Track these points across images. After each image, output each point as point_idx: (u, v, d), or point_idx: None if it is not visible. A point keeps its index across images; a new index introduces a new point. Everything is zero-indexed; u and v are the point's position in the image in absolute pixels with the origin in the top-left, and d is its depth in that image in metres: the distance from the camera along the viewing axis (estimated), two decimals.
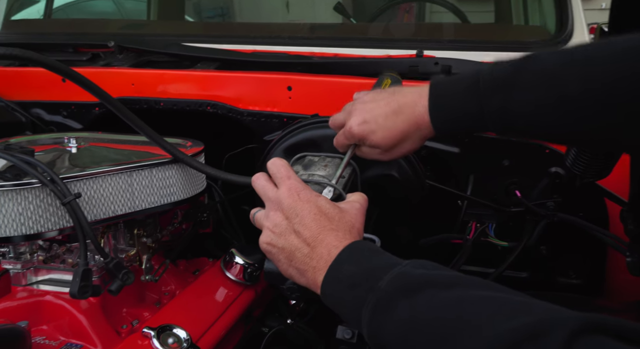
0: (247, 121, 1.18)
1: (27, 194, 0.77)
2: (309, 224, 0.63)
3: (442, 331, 0.47)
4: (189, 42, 1.39)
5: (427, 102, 0.72)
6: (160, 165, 0.90)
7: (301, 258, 0.63)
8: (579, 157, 0.82)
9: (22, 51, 0.71)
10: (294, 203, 0.65)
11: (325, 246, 0.62)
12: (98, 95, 0.78)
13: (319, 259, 0.62)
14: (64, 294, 0.91)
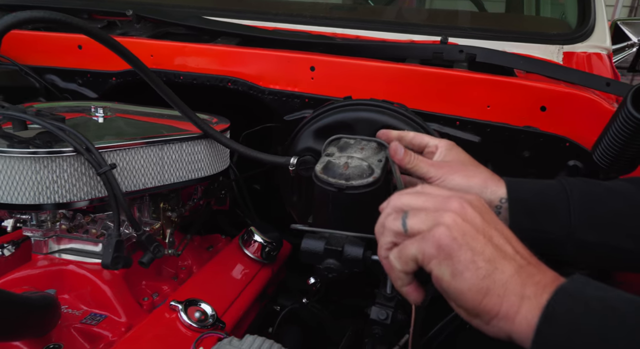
0: (268, 99, 1.17)
1: (61, 162, 0.76)
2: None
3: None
4: (207, 16, 1.36)
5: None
6: (191, 140, 0.89)
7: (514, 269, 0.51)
8: (607, 152, 0.83)
9: (64, 16, 0.69)
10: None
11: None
12: (135, 65, 0.77)
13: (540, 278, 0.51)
14: (86, 264, 0.91)
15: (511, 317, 0.49)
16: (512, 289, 0.50)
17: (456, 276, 0.51)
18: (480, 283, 0.50)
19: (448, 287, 0.52)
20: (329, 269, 0.70)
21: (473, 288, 0.50)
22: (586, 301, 0.47)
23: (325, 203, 0.72)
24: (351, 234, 0.71)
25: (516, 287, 0.50)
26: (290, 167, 0.87)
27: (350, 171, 0.72)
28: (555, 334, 0.47)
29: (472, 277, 0.51)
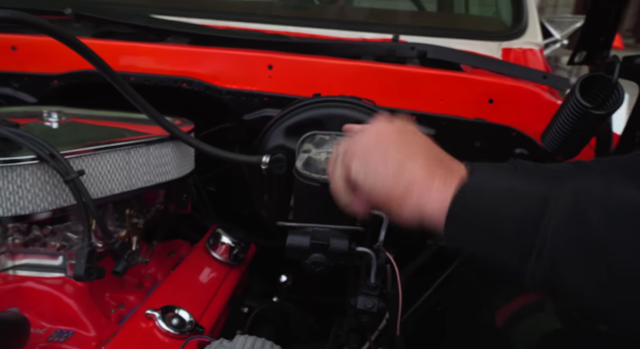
0: (226, 99, 1.16)
1: (22, 171, 0.71)
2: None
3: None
4: (152, 14, 1.32)
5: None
6: (157, 142, 0.86)
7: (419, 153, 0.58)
8: (556, 137, 0.90)
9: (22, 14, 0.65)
10: None
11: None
12: (100, 66, 0.74)
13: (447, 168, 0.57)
14: (46, 279, 0.86)
15: (422, 199, 0.54)
16: (421, 178, 0.55)
17: (369, 173, 0.58)
18: (390, 175, 0.56)
19: (364, 184, 0.58)
20: (316, 263, 0.71)
21: (386, 180, 0.57)
22: (490, 184, 0.53)
23: (308, 198, 0.73)
24: (336, 227, 0.72)
25: (426, 176, 0.55)
26: (263, 165, 0.87)
27: None
28: (462, 212, 0.51)
29: (383, 172, 0.57)
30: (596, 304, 0.46)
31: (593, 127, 0.85)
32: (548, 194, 0.48)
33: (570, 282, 0.45)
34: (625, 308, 0.44)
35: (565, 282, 0.46)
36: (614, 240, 0.43)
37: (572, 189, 0.47)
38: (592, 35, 0.95)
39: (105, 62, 0.74)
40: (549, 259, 0.46)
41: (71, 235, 0.87)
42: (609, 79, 0.78)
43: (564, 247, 0.45)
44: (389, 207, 0.57)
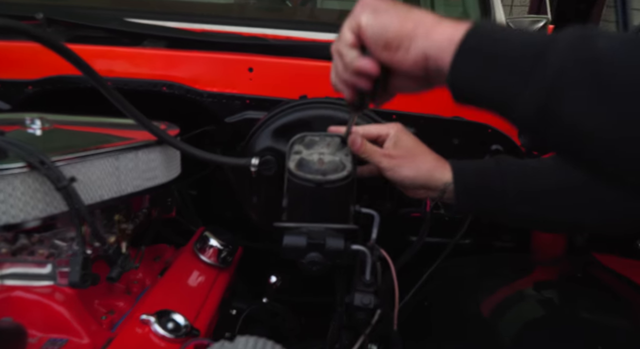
0: (207, 102, 1.16)
1: (12, 179, 0.70)
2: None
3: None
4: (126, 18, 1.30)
5: None
6: (145, 147, 0.86)
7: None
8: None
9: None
10: None
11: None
12: (87, 72, 0.73)
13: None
14: (35, 288, 0.84)
15: (430, 34, 0.55)
16: (429, 19, 0.56)
17: (379, 15, 0.59)
18: (400, 14, 0.57)
19: (373, 27, 0.58)
20: (313, 262, 0.72)
21: (394, 19, 0.57)
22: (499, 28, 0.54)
23: (302, 199, 0.74)
24: (331, 225, 0.74)
25: (433, 17, 0.56)
26: (252, 167, 0.88)
27: (325, 167, 0.75)
28: (478, 42, 0.52)
29: (392, 12, 0.58)
30: (594, 129, 0.45)
31: None
32: (556, 34, 0.49)
33: (570, 104, 0.45)
34: (624, 127, 0.44)
35: (565, 105, 0.45)
36: (618, 62, 0.44)
37: (580, 29, 0.48)
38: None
39: (91, 67, 0.73)
40: (553, 77, 0.46)
41: (59, 242, 0.86)
42: None
43: (569, 66, 0.45)
44: (396, 50, 0.57)
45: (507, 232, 1.27)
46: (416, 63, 0.57)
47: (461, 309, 0.97)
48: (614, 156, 0.46)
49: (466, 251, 1.25)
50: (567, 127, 0.47)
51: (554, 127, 0.47)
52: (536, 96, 0.47)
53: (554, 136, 0.49)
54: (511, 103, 0.50)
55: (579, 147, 0.48)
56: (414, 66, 0.57)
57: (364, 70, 0.62)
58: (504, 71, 0.50)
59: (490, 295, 1.01)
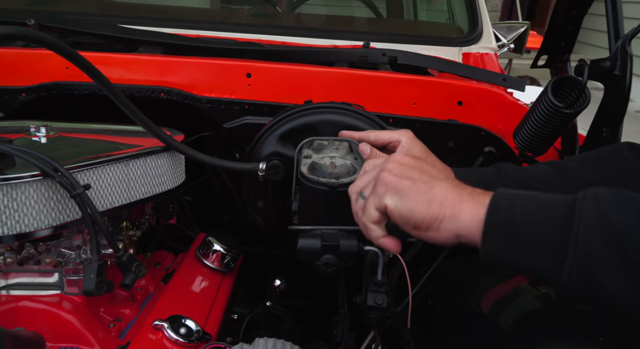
0: (206, 108, 1.16)
1: (26, 187, 0.69)
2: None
3: None
4: (119, 24, 1.30)
5: None
6: (154, 153, 0.86)
7: (446, 185, 0.60)
8: (528, 134, 0.98)
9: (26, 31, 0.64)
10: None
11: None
12: (99, 80, 0.73)
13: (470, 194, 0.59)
14: (42, 297, 0.84)
15: (456, 215, 0.58)
16: (451, 197, 0.59)
17: (403, 199, 0.61)
18: (424, 197, 0.60)
19: (401, 211, 0.61)
20: (328, 264, 0.73)
21: (419, 203, 0.60)
22: (520, 195, 0.58)
23: (316, 202, 0.75)
24: (344, 227, 0.76)
25: (454, 195, 0.59)
26: (260, 172, 0.89)
27: (338, 170, 0.77)
28: (500, 219, 0.55)
29: (416, 196, 0.60)
30: (629, 301, 0.49)
31: (562, 126, 0.93)
32: (571, 197, 0.52)
33: (602, 278, 0.49)
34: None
35: (599, 278, 0.49)
36: (630, 233, 0.48)
37: (592, 191, 0.52)
38: (553, 41, 1.04)
39: (103, 75, 0.73)
40: (584, 257, 0.49)
41: (65, 251, 0.85)
42: (579, 81, 0.87)
43: (595, 244, 0.49)
44: (426, 230, 0.60)
45: None
46: (447, 240, 0.60)
47: (462, 307, 1.00)
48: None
49: (460, 250, 1.29)
50: (603, 292, 0.50)
51: (591, 294, 0.51)
52: (571, 272, 0.50)
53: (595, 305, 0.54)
54: (547, 273, 0.53)
55: (615, 312, 0.53)
56: (445, 242, 0.60)
57: (389, 248, 0.67)
58: (535, 249, 0.53)
59: (489, 292, 1.04)
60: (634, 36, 0.86)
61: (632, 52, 0.86)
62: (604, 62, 0.90)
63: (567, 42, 1.02)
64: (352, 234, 0.76)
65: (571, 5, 0.96)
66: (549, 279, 0.53)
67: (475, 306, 0.99)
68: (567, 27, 0.99)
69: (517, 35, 1.95)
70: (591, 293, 0.51)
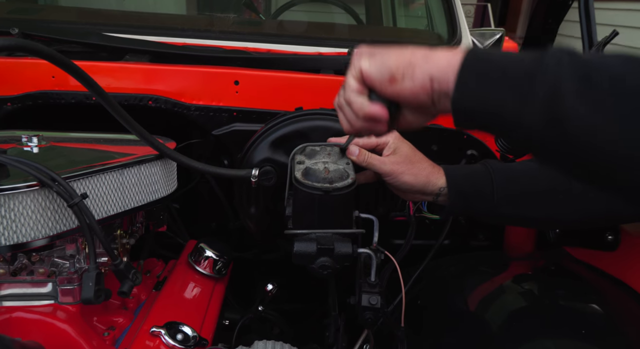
0: (194, 115, 1.17)
1: (24, 197, 0.69)
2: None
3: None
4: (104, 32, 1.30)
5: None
6: (147, 162, 0.87)
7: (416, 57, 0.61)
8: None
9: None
10: None
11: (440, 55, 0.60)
12: (93, 89, 0.74)
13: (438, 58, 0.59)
14: (36, 307, 0.84)
15: (430, 59, 0.59)
16: (423, 50, 0.61)
17: (376, 56, 0.63)
18: (395, 51, 0.62)
19: (375, 66, 0.63)
20: (324, 266, 0.76)
21: (392, 54, 0.62)
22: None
23: (310, 206, 0.77)
24: (338, 231, 0.78)
25: (426, 49, 0.61)
26: (253, 178, 0.90)
27: (331, 175, 0.79)
28: (478, 60, 0.57)
29: (388, 51, 0.63)
30: (590, 134, 0.50)
31: None
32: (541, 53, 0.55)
33: (567, 104, 0.50)
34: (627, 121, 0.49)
35: (565, 104, 0.50)
36: (595, 63, 0.51)
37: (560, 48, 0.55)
38: (531, 47, 1.09)
39: (98, 85, 0.74)
40: (552, 81, 0.51)
41: (59, 261, 0.85)
42: None
43: (562, 70, 0.51)
44: (402, 80, 0.60)
45: (482, 232, 1.35)
46: (423, 88, 0.60)
47: (450, 306, 1.03)
48: (617, 154, 0.51)
49: (446, 251, 1.32)
50: (573, 133, 0.52)
51: (560, 134, 0.52)
52: (541, 108, 0.52)
53: (561, 144, 0.54)
54: (516, 119, 0.55)
55: (585, 152, 0.53)
56: (421, 91, 0.60)
57: (375, 115, 0.66)
58: (504, 89, 0.55)
59: (475, 291, 1.08)
60: (607, 44, 0.91)
61: None
62: None
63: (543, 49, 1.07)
64: (346, 237, 0.78)
65: (547, 15, 1.00)
66: (515, 116, 0.54)
67: (462, 304, 1.02)
68: (544, 35, 1.04)
69: (494, 41, 2.01)
70: (555, 127, 0.52)
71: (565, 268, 1.09)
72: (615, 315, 0.88)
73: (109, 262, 0.88)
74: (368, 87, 0.65)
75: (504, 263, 1.24)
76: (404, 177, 0.87)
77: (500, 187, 0.88)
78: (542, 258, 1.22)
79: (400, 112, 0.67)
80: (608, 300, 0.94)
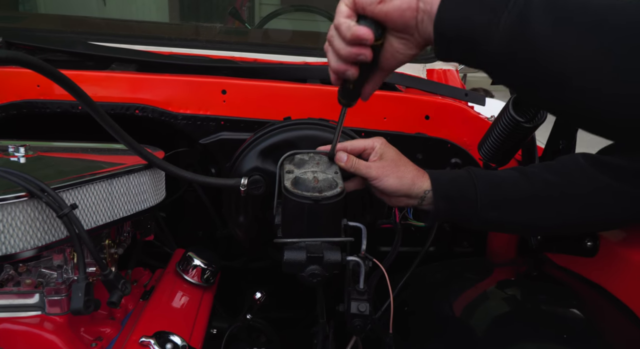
0: (181, 124, 1.17)
1: (12, 208, 0.69)
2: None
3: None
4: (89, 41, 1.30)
5: None
6: (136, 171, 0.87)
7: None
8: (491, 146, 1.05)
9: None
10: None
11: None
12: (80, 98, 0.74)
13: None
14: (23, 318, 0.83)
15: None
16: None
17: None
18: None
19: None
20: (313, 275, 0.77)
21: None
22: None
23: (300, 215, 0.78)
24: (327, 239, 0.79)
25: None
26: (242, 187, 0.91)
27: (320, 184, 0.80)
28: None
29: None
30: (553, 53, 0.59)
31: (523, 138, 1.00)
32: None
33: (537, 28, 0.59)
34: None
35: (534, 29, 0.59)
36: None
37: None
38: None
39: (85, 94, 0.74)
40: (520, 8, 0.60)
41: (46, 271, 0.85)
42: None
43: None
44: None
45: (466, 239, 1.38)
46: (410, 6, 0.67)
47: (436, 312, 1.05)
48: (578, 75, 0.62)
49: (431, 257, 1.34)
50: (537, 51, 0.61)
51: (524, 51, 0.61)
52: (509, 25, 0.61)
53: (523, 62, 0.63)
54: (487, 36, 0.63)
55: (546, 73, 0.62)
56: (407, 9, 0.67)
57: (362, 36, 0.69)
58: (482, 9, 0.64)
59: (460, 296, 1.10)
60: None
61: None
62: None
63: None
64: (335, 245, 0.80)
65: None
66: (485, 33, 0.63)
67: (448, 310, 1.04)
68: None
69: None
70: (524, 44, 0.61)
71: (547, 273, 1.12)
72: (595, 319, 0.91)
73: (97, 272, 0.87)
74: (358, 13, 0.70)
75: (487, 269, 1.26)
76: (389, 180, 0.89)
77: (483, 193, 0.90)
78: (524, 264, 1.25)
79: (385, 38, 0.71)
80: (588, 305, 0.96)
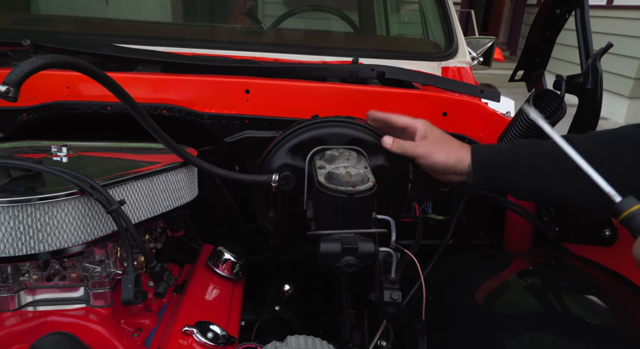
0: (207, 123, 1.21)
1: (65, 205, 0.73)
2: None
3: None
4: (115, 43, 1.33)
5: None
6: (174, 169, 0.91)
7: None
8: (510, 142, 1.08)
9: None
10: None
11: None
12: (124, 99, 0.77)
13: None
14: (69, 311, 0.87)
15: None
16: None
17: None
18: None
19: None
20: (348, 265, 0.80)
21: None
22: None
23: (334, 208, 0.82)
24: (360, 231, 0.83)
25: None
26: (273, 183, 0.95)
27: (354, 179, 0.84)
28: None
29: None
30: None
31: (541, 134, 1.03)
32: None
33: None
34: None
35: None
36: None
37: None
38: (529, 58, 1.15)
39: (129, 95, 0.78)
40: None
41: (89, 265, 0.88)
42: (557, 94, 0.97)
43: None
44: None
45: (483, 231, 1.41)
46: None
47: (458, 301, 1.08)
48: None
49: (450, 250, 1.38)
50: None
51: None
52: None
53: None
54: None
55: None
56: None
57: None
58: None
59: (481, 286, 1.13)
60: (603, 54, 0.98)
61: (601, 68, 0.98)
62: (578, 77, 1.01)
63: (541, 59, 1.14)
64: (368, 236, 0.83)
65: (545, 26, 1.07)
66: None
67: (470, 299, 1.08)
68: (542, 45, 1.10)
69: (485, 50, 2.10)
70: None
71: (566, 262, 1.15)
72: (618, 306, 0.94)
73: (137, 266, 0.91)
74: None
75: (506, 260, 1.30)
76: (436, 156, 0.93)
77: (524, 165, 0.91)
78: (541, 255, 1.28)
79: None
80: (610, 292, 1.00)
